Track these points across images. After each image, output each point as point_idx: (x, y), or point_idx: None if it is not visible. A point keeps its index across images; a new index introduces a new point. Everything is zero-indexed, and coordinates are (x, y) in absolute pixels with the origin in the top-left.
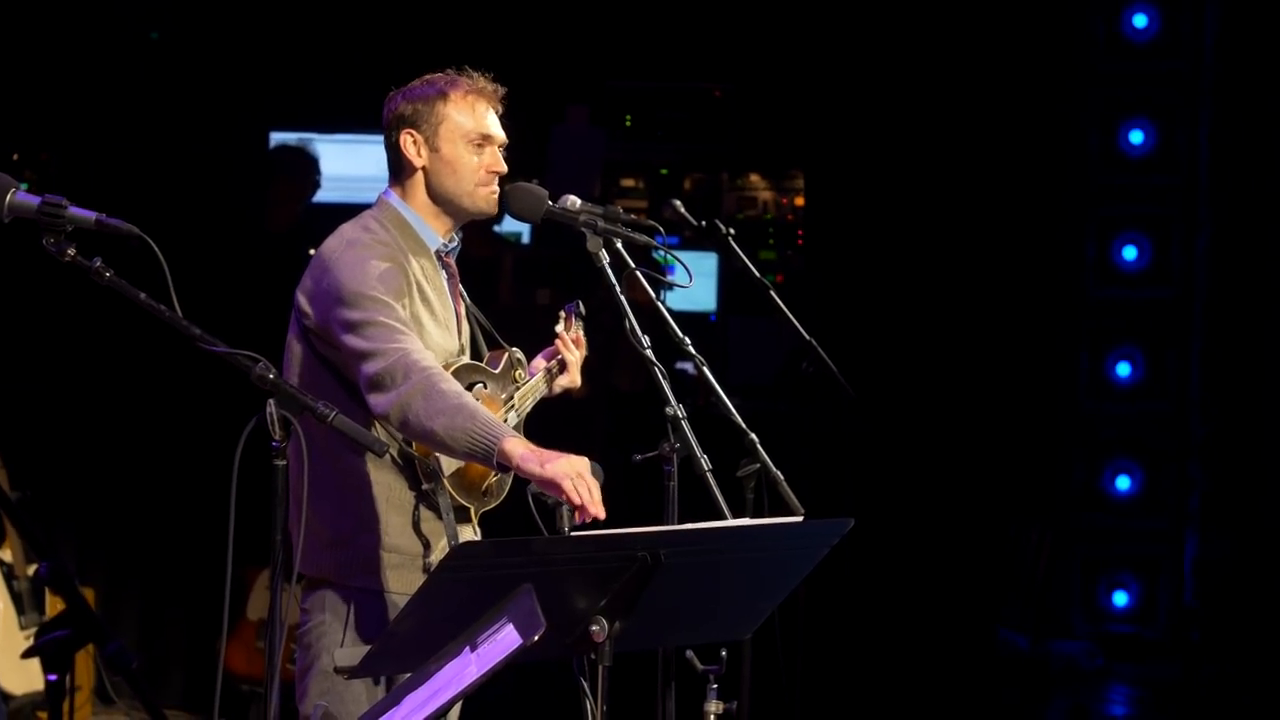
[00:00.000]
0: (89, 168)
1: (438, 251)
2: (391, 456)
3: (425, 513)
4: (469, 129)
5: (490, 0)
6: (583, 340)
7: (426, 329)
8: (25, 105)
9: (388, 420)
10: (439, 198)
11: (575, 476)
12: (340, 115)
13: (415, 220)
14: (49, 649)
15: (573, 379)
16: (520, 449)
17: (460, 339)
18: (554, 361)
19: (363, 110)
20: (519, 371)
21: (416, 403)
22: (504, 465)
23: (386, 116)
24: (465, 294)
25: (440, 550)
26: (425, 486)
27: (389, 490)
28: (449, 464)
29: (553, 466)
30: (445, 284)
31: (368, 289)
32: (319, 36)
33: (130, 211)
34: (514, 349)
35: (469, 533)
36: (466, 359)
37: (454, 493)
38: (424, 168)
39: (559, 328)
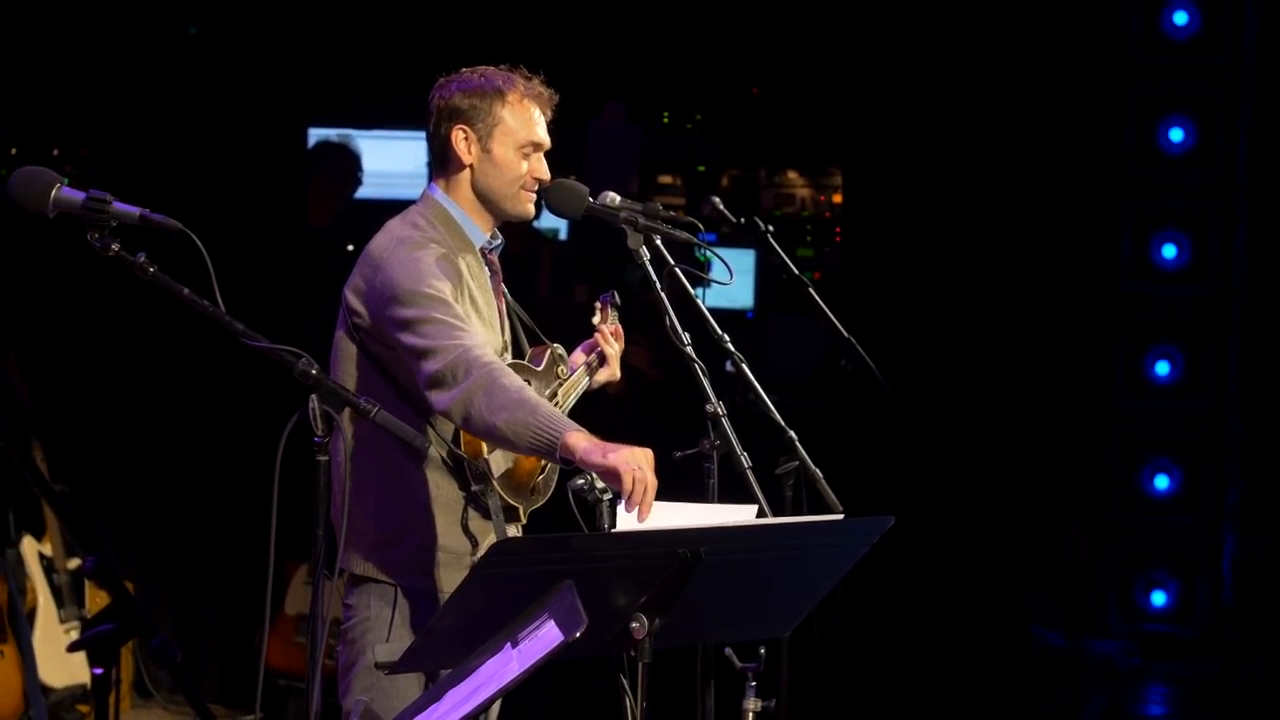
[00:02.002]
0: (128, 163)
1: (482, 249)
2: (441, 457)
3: (473, 512)
4: (522, 135)
5: None
6: (620, 332)
7: (474, 327)
8: (65, 100)
9: (449, 417)
10: (482, 196)
11: (636, 469)
12: (379, 111)
13: (461, 217)
14: (94, 643)
15: (612, 372)
16: (583, 442)
17: (504, 336)
18: (593, 355)
19: (401, 106)
20: (561, 367)
21: (478, 399)
22: (567, 459)
23: (436, 105)
24: (506, 290)
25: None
26: (475, 488)
27: (437, 490)
28: (498, 465)
29: (615, 456)
30: (489, 281)
31: (423, 286)
32: (357, 32)
33: (169, 206)
34: (555, 345)
35: (515, 532)
36: (510, 357)
37: (503, 494)
38: (472, 165)
39: (596, 319)
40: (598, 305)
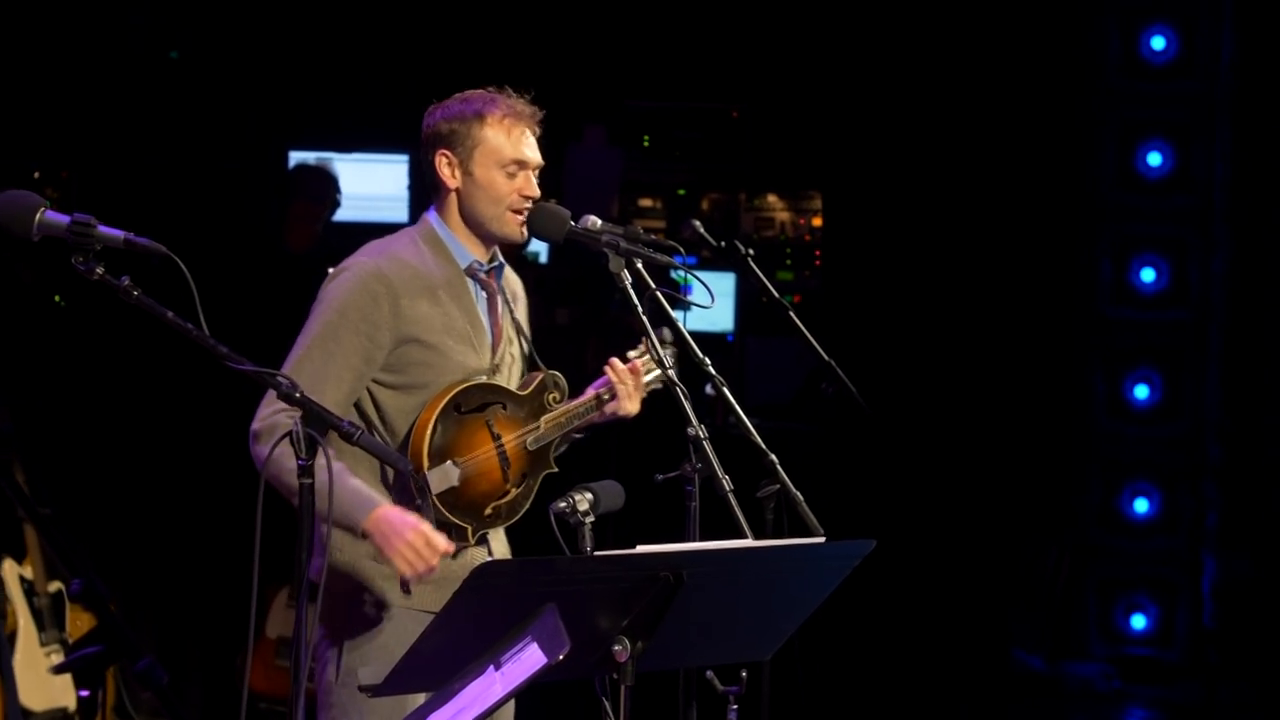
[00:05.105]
0: (109, 186)
1: (471, 270)
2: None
3: None
4: (505, 153)
5: (509, 20)
6: (638, 368)
7: (446, 348)
8: (46, 123)
9: (254, 439)
10: (470, 220)
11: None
12: (358, 134)
13: (449, 239)
14: (82, 665)
15: (619, 405)
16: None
17: (495, 359)
18: (604, 389)
19: (381, 130)
20: (552, 395)
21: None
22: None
23: (424, 132)
24: (515, 313)
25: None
26: (417, 502)
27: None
28: (436, 483)
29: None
30: (480, 303)
31: (342, 328)
32: (337, 56)
33: (149, 230)
34: (554, 373)
35: (481, 554)
36: (484, 379)
37: (447, 512)
38: (457, 189)
39: (632, 354)
40: (642, 346)
